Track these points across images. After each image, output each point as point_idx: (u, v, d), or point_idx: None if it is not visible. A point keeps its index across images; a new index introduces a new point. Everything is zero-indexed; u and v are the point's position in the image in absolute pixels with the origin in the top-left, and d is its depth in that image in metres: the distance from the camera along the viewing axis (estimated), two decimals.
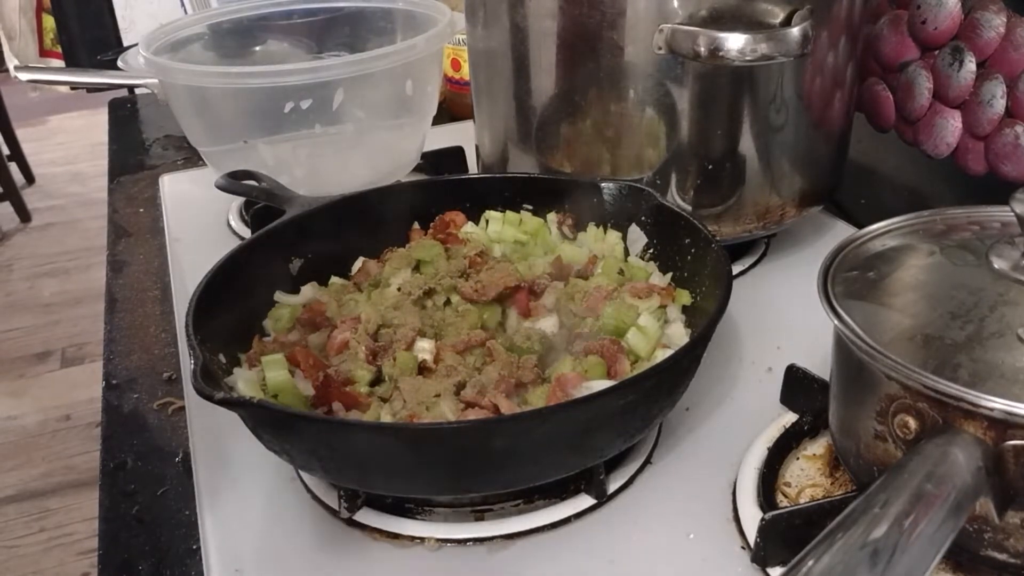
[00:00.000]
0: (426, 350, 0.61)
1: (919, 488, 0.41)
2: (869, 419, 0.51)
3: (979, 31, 0.74)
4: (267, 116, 0.89)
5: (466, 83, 1.20)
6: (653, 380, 0.55)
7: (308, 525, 0.58)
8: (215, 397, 0.50)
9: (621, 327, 0.62)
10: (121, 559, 0.58)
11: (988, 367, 0.47)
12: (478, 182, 0.80)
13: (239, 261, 0.67)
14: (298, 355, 0.61)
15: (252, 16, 1.09)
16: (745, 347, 0.73)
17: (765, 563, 0.53)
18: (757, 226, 0.81)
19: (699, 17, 0.70)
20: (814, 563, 0.37)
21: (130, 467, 0.67)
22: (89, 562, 1.93)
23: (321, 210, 0.74)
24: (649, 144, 0.76)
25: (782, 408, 0.65)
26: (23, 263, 3.23)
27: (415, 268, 0.70)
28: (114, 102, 1.50)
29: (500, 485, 0.57)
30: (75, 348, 2.70)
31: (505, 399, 0.57)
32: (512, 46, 0.79)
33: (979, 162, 0.78)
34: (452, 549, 0.56)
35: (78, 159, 4.03)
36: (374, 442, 0.53)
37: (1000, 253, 0.53)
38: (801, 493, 0.58)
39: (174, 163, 1.21)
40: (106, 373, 0.78)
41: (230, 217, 0.99)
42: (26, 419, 2.40)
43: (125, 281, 0.93)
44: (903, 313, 0.54)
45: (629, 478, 0.60)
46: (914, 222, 0.60)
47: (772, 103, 0.75)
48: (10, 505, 2.11)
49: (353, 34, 1.10)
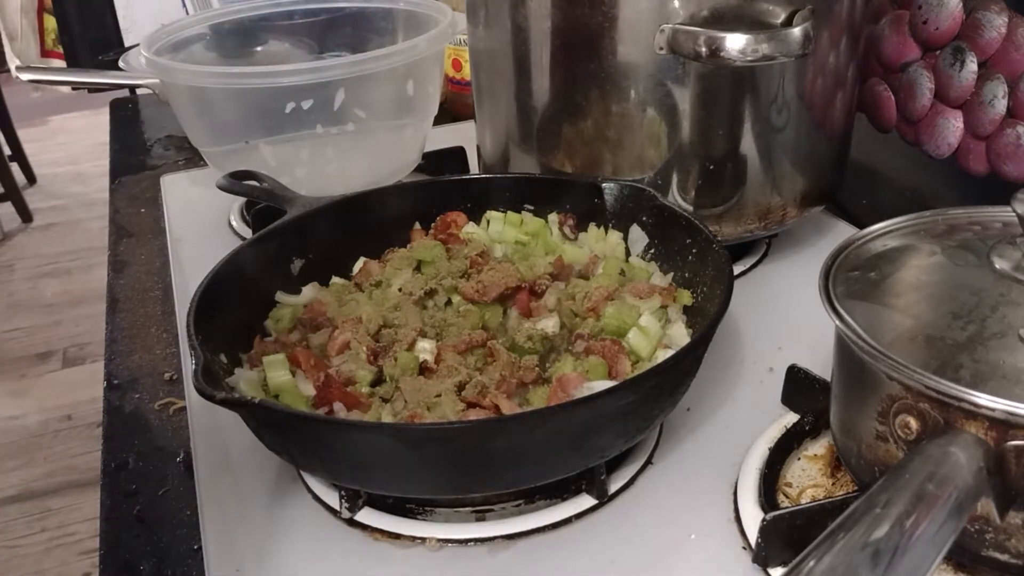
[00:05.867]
0: (427, 350, 0.61)
1: (920, 488, 0.41)
2: (870, 419, 0.51)
3: (980, 31, 0.74)
4: (268, 116, 0.89)
5: (467, 83, 1.20)
6: (654, 380, 0.55)
7: (309, 525, 0.58)
8: (216, 397, 0.50)
9: (622, 327, 0.62)
10: (122, 559, 0.58)
11: (990, 367, 0.47)
12: (479, 182, 0.80)
13: (240, 261, 0.67)
14: (299, 355, 0.61)
15: (253, 16, 1.09)
16: (746, 347, 0.73)
17: (766, 563, 0.53)
18: (758, 226, 0.81)
19: (700, 17, 0.70)
20: (815, 563, 0.37)
21: (131, 467, 0.67)
22: (90, 562, 1.93)
23: (322, 210, 0.74)
24: (650, 144, 0.76)
25: (783, 408, 0.65)
26: (25, 263, 3.23)
27: (416, 268, 0.70)
28: (115, 102, 1.50)
29: (501, 485, 0.57)
30: (77, 348, 2.70)
31: (506, 399, 0.57)
32: (513, 46, 0.79)
33: (980, 162, 0.78)
34: (453, 549, 0.56)
35: (80, 159, 4.03)
36: (375, 442, 0.53)
37: (1001, 253, 0.53)
38: (802, 493, 0.58)
39: (175, 163, 1.21)
40: (108, 373, 0.78)
41: (231, 217, 0.99)
42: (28, 419, 2.40)
43: (127, 281, 0.93)
44: (905, 313, 0.54)
45: (630, 478, 0.60)
46: (915, 222, 0.60)
47: (773, 103, 0.75)
48: (12, 505, 2.12)
49: (354, 34, 1.11)
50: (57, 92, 3.90)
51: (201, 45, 1.06)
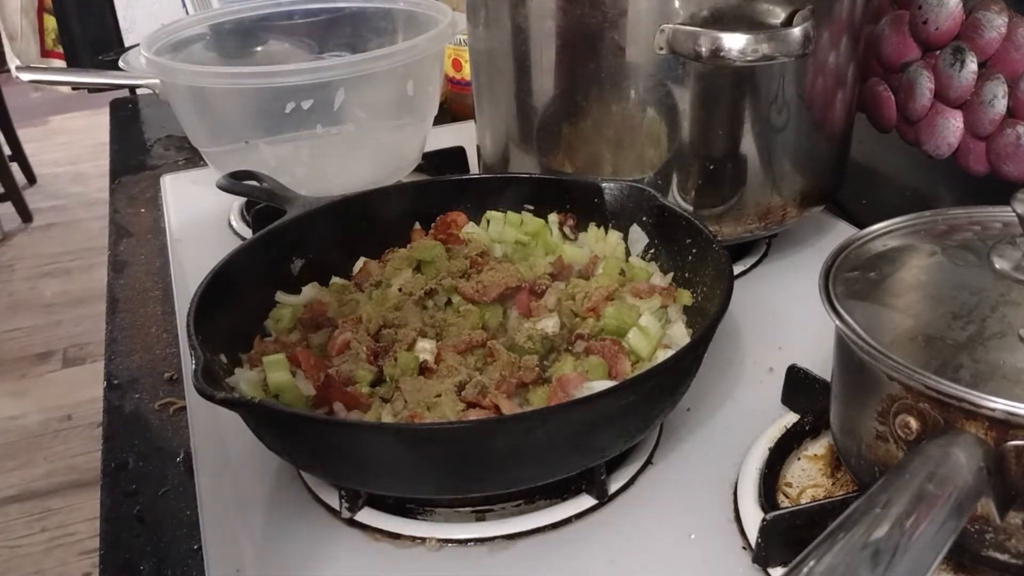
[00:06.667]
0: (427, 350, 0.61)
1: (920, 489, 0.41)
2: (870, 419, 0.51)
3: (980, 31, 0.74)
4: (268, 116, 0.89)
5: (467, 83, 1.20)
6: (654, 380, 0.55)
7: (309, 525, 0.58)
8: (216, 397, 0.50)
9: (622, 327, 0.62)
10: (122, 559, 0.58)
11: (990, 367, 0.47)
12: (479, 182, 0.80)
13: (240, 261, 0.67)
14: (299, 355, 0.61)
15: (253, 16, 1.09)
16: (746, 347, 0.73)
17: (766, 563, 0.53)
18: (758, 226, 0.81)
19: (700, 17, 0.70)
20: (815, 563, 0.37)
21: (131, 467, 0.67)
22: (91, 562, 1.93)
23: (322, 210, 0.74)
24: (650, 144, 0.76)
25: (783, 408, 0.65)
26: (25, 263, 3.23)
27: (416, 268, 0.70)
28: (115, 102, 1.50)
29: (501, 485, 0.57)
30: (77, 348, 2.70)
31: (506, 399, 0.57)
32: (513, 46, 0.79)
33: (980, 162, 0.78)
34: (453, 549, 0.56)
35: (80, 159, 4.03)
36: (375, 442, 0.53)
37: (1001, 253, 0.53)
38: (802, 493, 0.58)
39: (175, 163, 1.21)
40: (108, 373, 0.78)
41: (231, 217, 0.99)
42: (28, 419, 2.40)
43: (126, 281, 0.93)
44: (905, 313, 0.54)
45: (630, 478, 0.60)
46: (915, 222, 0.60)
47: (773, 103, 0.75)
48: (12, 505, 2.12)
49: (354, 34, 1.11)
50: (57, 92, 3.90)
51: (201, 45, 1.06)
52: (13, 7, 3.40)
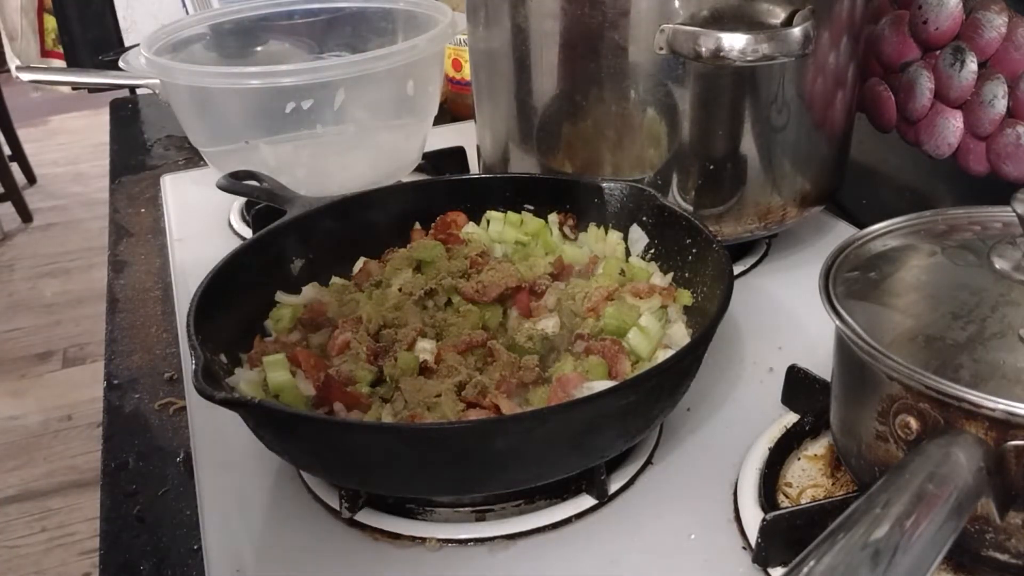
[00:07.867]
0: (427, 350, 0.61)
1: (920, 489, 0.41)
2: (870, 419, 0.51)
3: (980, 31, 0.74)
4: (268, 116, 0.89)
5: (467, 83, 1.20)
6: (654, 380, 0.55)
7: (309, 525, 0.58)
8: (216, 397, 0.50)
9: (622, 327, 0.62)
10: (122, 559, 0.58)
11: (990, 368, 0.47)
12: (479, 182, 0.80)
13: (240, 261, 0.67)
14: (299, 355, 0.61)
15: (253, 16, 1.09)
16: (746, 347, 0.73)
17: (766, 563, 0.53)
18: (758, 226, 0.81)
19: (700, 17, 0.70)
20: (815, 563, 0.37)
21: (131, 467, 0.67)
22: (90, 562, 1.93)
23: (322, 210, 0.74)
24: (650, 144, 0.76)
25: (783, 408, 0.65)
26: (25, 263, 3.23)
27: (416, 268, 0.70)
28: (115, 102, 1.50)
29: (501, 485, 0.57)
30: (77, 348, 2.70)
31: (506, 399, 0.57)
32: (513, 46, 0.79)
33: (980, 162, 0.78)
34: (453, 549, 0.56)
35: (79, 159, 4.03)
36: (375, 442, 0.53)
37: (1001, 253, 0.53)
38: (802, 493, 0.58)
39: (175, 163, 1.21)
40: (107, 373, 0.78)
41: (231, 217, 0.99)
42: (28, 419, 2.40)
43: (126, 281, 0.93)
44: (905, 313, 0.54)
45: (630, 478, 0.60)
46: (915, 222, 0.60)
47: (773, 103, 0.75)
48: (12, 505, 2.12)
49: (354, 34, 1.11)
50: (57, 92, 3.90)
51: (201, 45, 1.06)
52: (13, 7, 3.40)
